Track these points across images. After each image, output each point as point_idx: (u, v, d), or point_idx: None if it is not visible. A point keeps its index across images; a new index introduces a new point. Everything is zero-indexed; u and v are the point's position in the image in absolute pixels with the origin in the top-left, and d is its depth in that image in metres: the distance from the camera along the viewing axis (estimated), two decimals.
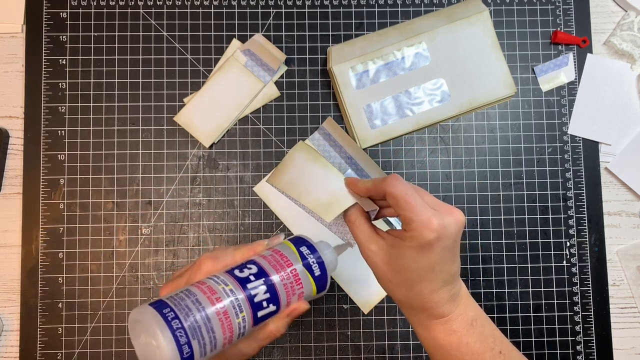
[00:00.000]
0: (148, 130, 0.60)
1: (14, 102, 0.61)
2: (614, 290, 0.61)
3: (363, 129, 0.59)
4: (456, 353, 0.38)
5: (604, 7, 0.65)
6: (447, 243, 0.36)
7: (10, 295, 0.59)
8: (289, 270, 0.38)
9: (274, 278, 0.37)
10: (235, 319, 0.35)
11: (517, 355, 0.40)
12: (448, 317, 0.38)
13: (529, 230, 0.61)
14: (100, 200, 0.59)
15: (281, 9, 0.62)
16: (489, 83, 0.60)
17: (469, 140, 0.62)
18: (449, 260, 0.37)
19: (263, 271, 0.37)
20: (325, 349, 0.59)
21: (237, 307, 0.35)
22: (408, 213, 0.36)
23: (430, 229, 0.35)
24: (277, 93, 0.61)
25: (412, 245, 0.36)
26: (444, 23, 0.59)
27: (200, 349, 0.33)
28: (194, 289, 0.35)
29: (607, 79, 0.63)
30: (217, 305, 0.34)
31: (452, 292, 0.38)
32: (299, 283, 0.39)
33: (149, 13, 0.61)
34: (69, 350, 0.57)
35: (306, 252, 0.40)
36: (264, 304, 0.37)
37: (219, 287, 0.35)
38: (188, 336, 0.32)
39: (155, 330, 0.32)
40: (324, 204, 0.41)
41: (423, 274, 0.37)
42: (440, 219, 0.35)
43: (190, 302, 0.34)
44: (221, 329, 0.34)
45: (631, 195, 0.62)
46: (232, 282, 0.36)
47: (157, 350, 0.32)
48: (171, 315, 0.33)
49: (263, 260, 0.38)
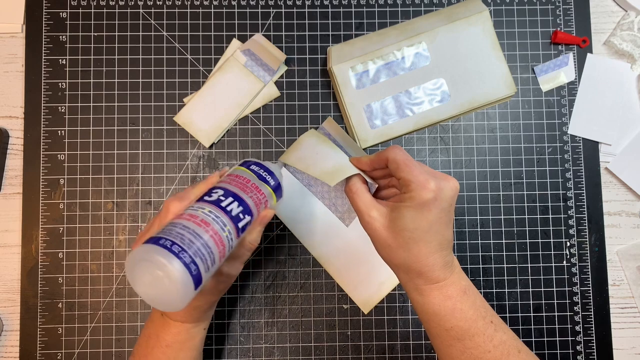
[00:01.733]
0: (148, 130, 0.60)
1: (14, 102, 0.61)
2: (614, 290, 0.61)
3: (363, 129, 0.59)
4: (450, 319, 0.40)
5: (604, 7, 0.65)
6: (444, 205, 0.39)
7: (10, 295, 0.59)
8: (249, 185, 0.43)
9: (240, 193, 0.42)
10: (223, 233, 0.38)
11: (507, 328, 0.42)
12: (443, 283, 0.40)
13: (529, 230, 0.61)
14: (100, 200, 0.59)
15: (281, 9, 0.62)
16: (489, 83, 0.60)
17: (469, 140, 0.62)
18: (444, 222, 0.39)
19: (229, 191, 0.41)
20: (325, 349, 0.59)
21: (220, 223, 0.38)
22: (407, 175, 0.39)
23: (428, 189, 0.38)
24: (277, 93, 0.61)
25: (412, 205, 0.38)
26: (444, 23, 0.59)
27: (204, 264, 0.35)
28: (177, 220, 0.37)
29: (607, 79, 0.63)
30: (203, 225, 0.37)
31: (447, 259, 0.40)
32: (262, 193, 0.43)
33: (149, 13, 0.61)
34: (69, 350, 0.57)
35: (257, 169, 0.45)
36: (240, 216, 0.40)
37: (198, 212, 0.38)
38: (191, 256, 0.34)
39: (159, 260, 0.33)
40: (329, 172, 0.45)
41: (421, 234, 0.39)
42: (437, 182, 0.39)
43: (179, 229, 0.36)
44: (214, 244, 0.37)
45: (631, 195, 0.62)
46: (208, 205, 0.39)
47: (166, 280, 0.33)
48: (168, 243, 0.34)
49: (225, 184, 0.42)
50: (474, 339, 0.40)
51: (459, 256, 0.60)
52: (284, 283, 0.59)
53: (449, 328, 0.40)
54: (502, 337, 0.41)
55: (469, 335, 0.40)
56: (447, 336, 0.40)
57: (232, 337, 0.58)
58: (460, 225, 0.60)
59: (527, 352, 0.42)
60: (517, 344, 0.41)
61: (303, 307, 0.59)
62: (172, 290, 0.33)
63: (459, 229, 0.60)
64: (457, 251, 0.60)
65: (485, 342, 0.40)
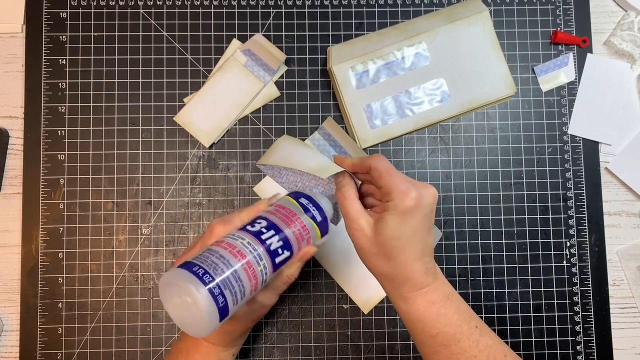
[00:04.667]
0: (148, 130, 0.60)
1: (14, 102, 0.61)
2: (614, 290, 0.61)
3: (363, 129, 0.59)
4: (436, 324, 0.41)
5: (604, 7, 0.65)
6: (425, 212, 0.40)
7: (10, 295, 0.59)
8: (294, 219, 0.43)
9: (283, 227, 0.41)
10: (258, 267, 0.38)
11: (492, 334, 0.42)
12: (427, 289, 0.41)
13: (529, 230, 0.61)
14: (100, 200, 0.59)
15: (281, 9, 0.62)
16: (489, 83, 0.60)
17: (469, 140, 0.62)
18: (426, 228, 0.41)
19: (272, 223, 0.41)
20: (325, 349, 0.59)
21: (256, 256, 0.38)
22: (390, 183, 0.40)
23: (410, 197, 0.39)
24: (277, 93, 0.61)
25: (395, 212, 0.39)
26: (444, 23, 0.59)
27: (233, 297, 0.36)
28: (215, 247, 0.38)
29: (607, 79, 0.63)
30: (239, 257, 0.37)
31: (429, 265, 0.41)
32: (305, 229, 0.43)
33: (149, 13, 0.61)
34: (69, 350, 0.57)
35: (305, 202, 0.45)
36: (279, 251, 0.40)
37: (237, 242, 0.38)
38: (220, 287, 0.35)
39: (188, 287, 0.34)
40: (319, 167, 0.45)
41: (406, 241, 0.40)
42: (418, 190, 0.40)
43: (215, 258, 0.36)
44: (247, 278, 0.37)
45: (631, 195, 0.62)
46: (248, 236, 0.39)
47: (193, 307, 0.34)
48: (201, 271, 0.35)
49: (270, 215, 0.42)
50: (460, 344, 0.40)
51: (459, 256, 0.60)
52: None
53: (434, 334, 0.41)
54: (488, 342, 0.41)
55: (454, 340, 0.40)
56: (434, 342, 0.41)
57: None
58: (460, 225, 0.60)
59: (514, 356, 0.42)
60: (503, 349, 0.41)
61: (303, 307, 0.59)
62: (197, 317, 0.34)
63: (459, 229, 0.60)
64: (457, 251, 0.60)
65: (471, 347, 0.40)
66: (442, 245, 0.60)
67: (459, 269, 0.60)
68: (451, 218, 0.60)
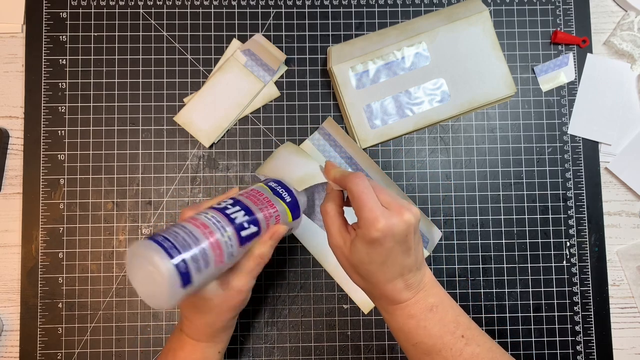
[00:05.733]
0: (148, 130, 0.60)
1: (14, 102, 0.61)
2: (614, 290, 0.61)
3: (363, 129, 0.59)
4: (415, 335, 0.41)
5: (604, 7, 0.65)
6: (397, 239, 0.38)
7: (10, 295, 0.59)
8: (261, 198, 0.43)
9: (249, 204, 0.42)
10: (222, 238, 0.38)
11: (483, 341, 0.42)
12: (406, 304, 0.41)
13: (529, 230, 0.61)
14: (100, 200, 0.59)
15: (281, 9, 0.62)
16: (489, 83, 0.60)
17: (469, 140, 0.62)
18: (400, 253, 0.39)
19: (239, 201, 0.42)
20: (325, 349, 0.59)
21: (220, 227, 0.38)
22: (359, 210, 0.39)
23: (375, 228, 0.38)
24: (277, 93, 0.61)
25: (363, 241, 0.39)
26: (444, 23, 0.59)
27: (195, 264, 0.36)
28: (179, 222, 0.38)
29: (607, 79, 0.63)
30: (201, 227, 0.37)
31: (409, 282, 0.41)
32: (273, 207, 0.43)
33: (149, 13, 0.61)
34: (69, 350, 0.57)
35: (274, 185, 0.46)
36: (245, 224, 0.40)
37: (201, 216, 0.39)
38: (180, 251, 0.35)
39: (149, 253, 0.34)
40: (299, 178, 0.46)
41: (376, 266, 0.39)
42: (387, 219, 0.38)
43: (177, 228, 0.37)
44: (210, 247, 0.37)
45: (631, 195, 0.62)
46: (213, 211, 0.40)
47: (155, 273, 0.34)
48: (160, 238, 0.35)
49: (239, 197, 0.43)
50: (441, 354, 0.40)
51: (459, 256, 0.60)
52: (284, 283, 0.59)
53: (414, 344, 0.41)
54: (475, 350, 0.41)
55: (435, 350, 0.41)
56: (415, 351, 0.42)
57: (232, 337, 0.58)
58: (460, 225, 0.60)
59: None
60: (492, 356, 0.41)
61: (303, 307, 0.59)
62: (160, 284, 0.34)
63: (459, 229, 0.60)
64: (457, 251, 0.60)
65: (454, 356, 0.40)
66: (442, 245, 0.60)
67: (459, 269, 0.60)
68: (451, 218, 0.60)
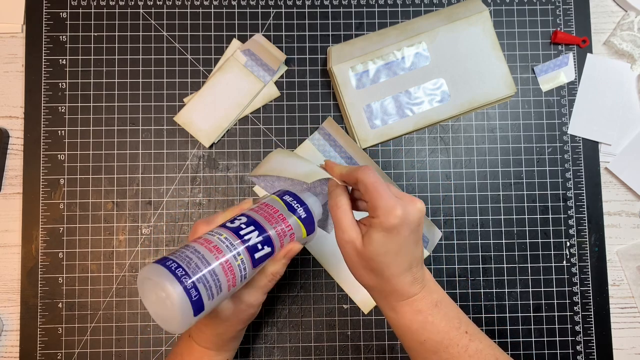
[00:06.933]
0: (148, 130, 0.60)
1: (14, 102, 0.61)
2: (614, 290, 0.61)
3: (363, 129, 0.59)
4: (423, 332, 0.41)
5: (604, 7, 0.65)
6: (412, 227, 0.40)
7: (10, 295, 0.59)
8: (276, 215, 0.42)
9: (264, 223, 0.41)
10: (235, 262, 0.38)
11: (483, 337, 0.42)
12: (414, 298, 0.41)
13: (529, 230, 0.61)
14: (100, 200, 0.59)
15: (281, 9, 0.62)
16: (489, 83, 0.60)
17: (469, 140, 0.62)
18: (412, 243, 0.40)
19: (252, 219, 0.41)
20: (325, 349, 0.59)
21: (234, 251, 0.38)
22: (375, 200, 0.39)
23: (394, 215, 0.38)
24: (277, 93, 0.61)
25: (380, 230, 0.39)
26: (444, 23, 0.59)
27: (208, 292, 0.35)
28: (192, 243, 0.38)
29: (607, 79, 0.63)
30: (214, 251, 0.37)
31: (417, 275, 0.41)
32: (288, 225, 0.42)
33: (149, 13, 0.61)
34: (69, 350, 0.57)
35: (289, 199, 0.44)
36: (258, 246, 0.40)
37: (214, 238, 0.38)
38: (193, 280, 0.34)
39: (161, 282, 0.34)
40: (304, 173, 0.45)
41: (392, 257, 0.40)
42: (403, 207, 0.39)
43: (189, 252, 0.36)
44: (223, 272, 0.37)
45: (631, 195, 0.62)
46: (226, 232, 0.39)
47: (167, 300, 0.34)
48: (174, 265, 0.35)
49: (251, 212, 0.42)
50: (449, 350, 0.41)
51: (459, 256, 0.60)
52: (284, 283, 0.59)
53: (422, 341, 0.41)
54: (478, 346, 0.41)
55: (442, 347, 0.41)
56: (422, 349, 0.41)
57: None
58: (460, 225, 0.60)
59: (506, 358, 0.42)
60: (494, 352, 0.42)
61: (303, 307, 0.59)
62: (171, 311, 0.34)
63: (459, 229, 0.60)
64: (457, 251, 0.60)
65: (460, 352, 0.40)
66: (442, 245, 0.60)
67: (459, 269, 0.60)
68: (451, 218, 0.60)
